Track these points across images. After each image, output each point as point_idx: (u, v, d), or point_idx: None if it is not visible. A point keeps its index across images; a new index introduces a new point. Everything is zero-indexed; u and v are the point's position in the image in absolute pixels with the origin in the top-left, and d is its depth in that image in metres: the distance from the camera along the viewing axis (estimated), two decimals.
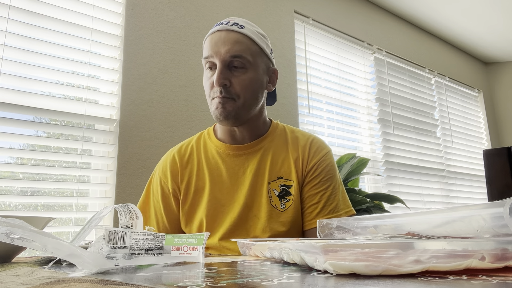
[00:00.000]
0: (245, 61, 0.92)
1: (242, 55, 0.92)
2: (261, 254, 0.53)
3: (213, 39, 0.94)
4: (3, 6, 1.48)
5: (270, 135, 1.04)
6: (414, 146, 3.15)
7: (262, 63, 0.97)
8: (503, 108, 4.14)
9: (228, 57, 0.91)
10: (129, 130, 1.69)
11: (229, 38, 0.92)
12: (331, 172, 1.01)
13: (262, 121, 1.04)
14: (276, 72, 1.03)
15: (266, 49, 0.98)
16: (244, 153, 1.01)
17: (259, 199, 0.97)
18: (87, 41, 1.66)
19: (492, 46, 3.88)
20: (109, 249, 0.44)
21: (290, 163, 1.00)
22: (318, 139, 1.05)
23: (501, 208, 0.33)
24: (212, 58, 0.93)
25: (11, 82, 1.48)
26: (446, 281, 0.28)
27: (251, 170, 0.99)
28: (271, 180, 0.98)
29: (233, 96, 0.93)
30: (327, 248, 0.33)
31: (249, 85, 0.93)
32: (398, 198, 2.02)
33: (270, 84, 1.02)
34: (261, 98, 0.99)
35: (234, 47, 0.92)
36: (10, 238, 0.35)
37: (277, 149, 1.02)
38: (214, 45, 0.93)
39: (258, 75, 0.96)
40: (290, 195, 0.97)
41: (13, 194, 1.49)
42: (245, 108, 0.94)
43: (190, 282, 0.30)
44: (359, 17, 2.95)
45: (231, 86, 0.92)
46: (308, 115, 2.46)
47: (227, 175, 1.00)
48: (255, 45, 0.95)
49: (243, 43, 0.93)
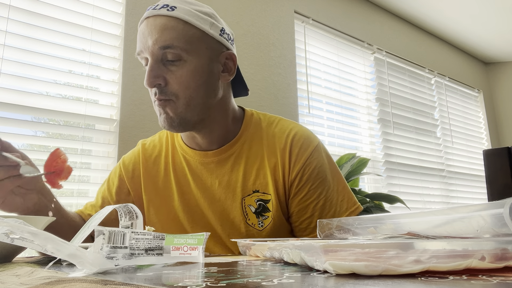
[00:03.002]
0: (179, 51, 0.75)
1: (174, 44, 0.74)
2: (261, 254, 0.53)
3: (141, 30, 0.77)
4: (3, 6, 1.48)
5: (243, 136, 0.86)
6: (414, 146, 3.15)
7: (206, 49, 0.78)
8: (503, 108, 4.14)
9: (157, 49, 0.74)
10: (129, 130, 1.69)
11: (156, 25, 0.75)
12: (320, 175, 0.83)
13: (231, 118, 0.86)
14: (233, 56, 0.83)
15: (211, 30, 0.78)
16: (211, 161, 0.85)
17: (233, 217, 0.83)
18: (87, 41, 1.66)
19: (492, 46, 3.88)
20: (109, 249, 0.44)
21: (266, 172, 0.83)
22: (301, 134, 0.86)
23: (501, 208, 0.33)
24: (142, 53, 0.77)
25: (11, 82, 1.48)
26: (446, 281, 0.28)
27: (220, 183, 0.84)
28: (245, 195, 0.83)
29: (171, 97, 0.76)
30: (327, 248, 0.33)
31: (190, 80, 0.76)
32: (398, 198, 2.02)
33: (226, 73, 0.82)
34: (215, 92, 0.81)
35: (163, 36, 0.74)
36: (10, 238, 0.35)
37: (251, 155, 0.85)
38: (142, 37, 0.76)
39: (202, 66, 0.77)
40: (269, 211, 0.82)
41: None
42: (190, 109, 0.77)
43: (190, 282, 0.30)
44: (359, 17, 2.95)
45: (168, 85, 0.76)
46: (308, 115, 2.46)
47: (194, 186, 0.86)
48: (192, 28, 0.76)
49: (175, 29, 0.74)
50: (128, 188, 0.91)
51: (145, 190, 0.89)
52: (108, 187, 0.93)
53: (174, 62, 0.76)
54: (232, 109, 0.87)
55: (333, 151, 2.52)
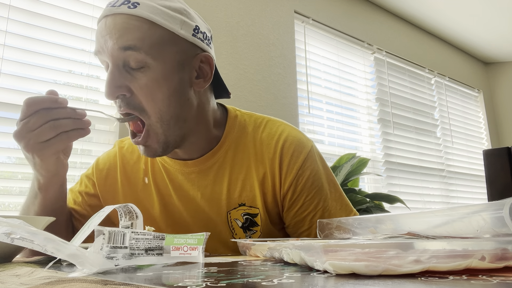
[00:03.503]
0: (143, 56, 0.64)
1: (137, 45, 0.63)
2: (261, 254, 0.53)
3: (98, 29, 0.67)
4: (3, 6, 1.48)
5: (226, 142, 0.77)
6: (414, 146, 3.15)
7: (175, 53, 0.67)
8: (503, 108, 4.14)
9: (118, 51, 0.63)
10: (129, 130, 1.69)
11: (116, 25, 0.63)
12: (316, 183, 0.76)
13: (212, 124, 0.76)
14: (209, 59, 0.71)
15: (181, 30, 0.67)
16: (192, 171, 0.76)
17: (219, 230, 0.76)
18: (87, 41, 1.66)
19: (492, 46, 3.88)
20: (109, 249, 0.44)
21: (253, 184, 0.74)
22: (292, 139, 0.77)
23: (501, 208, 0.33)
24: (100, 54, 0.67)
25: (11, 82, 1.47)
26: (446, 281, 0.28)
27: (203, 195, 0.76)
28: (231, 209, 0.75)
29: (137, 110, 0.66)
30: (327, 248, 0.33)
31: (156, 90, 0.65)
32: (398, 198, 2.02)
33: (201, 79, 0.71)
34: (189, 103, 0.70)
35: (123, 38, 0.63)
36: (10, 238, 0.35)
37: (236, 164, 0.76)
38: (100, 37, 0.66)
39: (170, 73, 0.66)
40: (257, 226, 0.75)
41: (12, 194, 1.49)
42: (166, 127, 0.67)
43: (190, 282, 0.30)
44: (359, 17, 2.95)
45: (132, 96, 0.65)
46: (308, 115, 2.46)
47: (176, 197, 0.77)
48: (158, 28, 0.65)
49: (137, 30, 0.63)
50: (97, 193, 0.83)
51: (123, 198, 0.81)
52: (79, 188, 0.86)
53: (138, 70, 0.65)
54: (213, 114, 0.77)
55: (333, 151, 2.52)
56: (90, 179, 0.84)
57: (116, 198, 0.81)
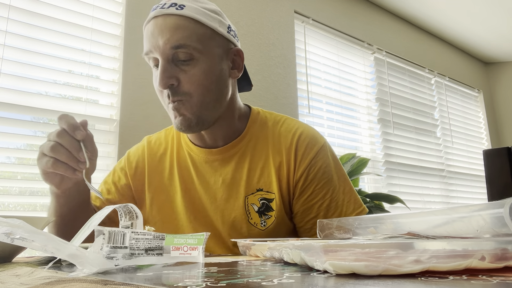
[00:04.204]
0: (192, 51, 0.74)
1: (187, 43, 0.73)
2: (261, 254, 0.53)
3: (149, 30, 0.76)
4: (3, 6, 1.48)
5: (248, 134, 0.86)
6: (414, 146, 3.15)
7: (217, 47, 0.78)
8: (503, 108, 4.14)
9: (169, 49, 0.73)
10: (129, 130, 1.69)
11: (167, 24, 0.73)
12: (326, 175, 0.83)
13: (237, 115, 0.86)
14: (241, 52, 0.83)
15: (220, 28, 0.78)
16: (216, 159, 0.85)
17: (235, 216, 0.82)
18: (87, 41, 1.66)
19: (492, 46, 3.88)
20: (109, 249, 0.44)
21: (270, 171, 0.83)
22: (307, 133, 0.85)
23: (501, 208, 0.33)
24: (152, 53, 0.76)
25: (11, 82, 1.48)
26: (446, 281, 0.28)
27: (224, 180, 0.84)
28: (249, 194, 0.82)
29: (184, 97, 0.75)
30: (327, 248, 0.33)
31: (203, 79, 0.75)
32: (398, 198, 2.02)
33: (235, 69, 0.83)
34: (227, 90, 0.81)
35: (175, 36, 0.73)
36: (10, 238, 0.35)
37: (256, 153, 0.84)
38: (151, 37, 0.75)
39: (214, 64, 0.77)
40: (272, 211, 0.81)
41: (11, 194, 1.49)
42: (205, 108, 0.77)
43: (190, 282, 0.30)
44: (359, 17, 2.95)
45: (180, 85, 0.75)
46: (308, 115, 2.46)
47: (198, 183, 0.86)
48: (203, 27, 0.75)
49: (186, 28, 0.74)
50: (130, 183, 0.91)
51: (149, 188, 0.89)
52: (112, 179, 0.94)
53: (186, 62, 0.75)
54: (238, 106, 0.87)
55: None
56: (123, 169, 0.92)
57: (144, 186, 0.90)
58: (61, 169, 0.69)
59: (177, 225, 0.87)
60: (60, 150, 0.67)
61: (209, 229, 0.84)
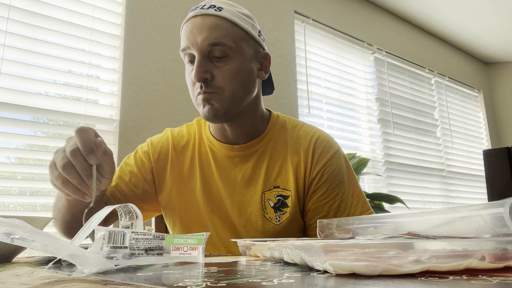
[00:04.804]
0: (226, 49, 0.80)
1: (223, 42, 0.80)
2: (261, 254, 0.53)
3: (188, 28, 0.82)
4: (3, 6, 1.48)
5: (268, 134, 0.92)
6: (414, 146, 3.15)
7: (248, 48, 0.85)
8: (503, 108, 4.14)
9: (206, 46, 0.79)
10: (129, 130, 1.69)
11: (206, 23, 0.80)
12: (338, 177, 0.88)
13: (260, 116, 0.92)
14: (268, 56, 0.90)
15: (252, 31, 0.85)
16: (236, 155, 0.90)
17: (251, 210, 0.87)
18: (87, 41, 1.66)
19: (492, 46, 3.88)
20: (109, 249, 0.44)
21: (288, 170, 0.88)
22: (324, 138, 0.93)
23: (501, 208, 0.33)
24: (189, 49, 0.82)
25: (11, 82, 1.48)
26: (446, 281, 0.28)
27: (243, 176, 0.89)
28: (266, 190, 0.87)
29: (216, 90, 0.81)
30: (327, 248, 0.33)
31: (234, 75, 0.81)
32: (398, 198, 2.02)
33: (262, 71, 0.89)
34: (254, 88, 0.87)
35: (212, 34, 0.79)
36: (10, 238, 0.35)
37: (275, 153, 0.90)
38: (189, 34, 0.81)
39: (245, 63, 0.84)
40: (287, 207, 0.86)
41: (11, 194, 1.49)
42: (234, 101, 0.83)
43: (190, 282, 0.30)
44: (359, 17, 2.95)
45: (213, 80, 0.81)
46: (308, 115, 2.46)
47: (217, 176, 0.90)
48: (237, 28, 0.83)
49: (223, 28, 0.80)
50: (152, 167, 0.94)
51: (170, 174, 0.92)
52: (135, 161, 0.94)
53: (220, 59, 0.81)
54: (261, 108, 0.93)
55: None
56: (146, 153, 0.95)
57: (166, 173, 0.93)
58: (70, 191, 0.67)
59: (194, 214, 0.90)
60: (71, 172, 0.65)
61: (225, 221, 0.88)
